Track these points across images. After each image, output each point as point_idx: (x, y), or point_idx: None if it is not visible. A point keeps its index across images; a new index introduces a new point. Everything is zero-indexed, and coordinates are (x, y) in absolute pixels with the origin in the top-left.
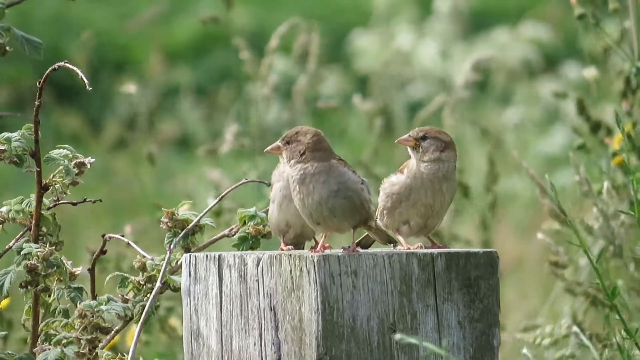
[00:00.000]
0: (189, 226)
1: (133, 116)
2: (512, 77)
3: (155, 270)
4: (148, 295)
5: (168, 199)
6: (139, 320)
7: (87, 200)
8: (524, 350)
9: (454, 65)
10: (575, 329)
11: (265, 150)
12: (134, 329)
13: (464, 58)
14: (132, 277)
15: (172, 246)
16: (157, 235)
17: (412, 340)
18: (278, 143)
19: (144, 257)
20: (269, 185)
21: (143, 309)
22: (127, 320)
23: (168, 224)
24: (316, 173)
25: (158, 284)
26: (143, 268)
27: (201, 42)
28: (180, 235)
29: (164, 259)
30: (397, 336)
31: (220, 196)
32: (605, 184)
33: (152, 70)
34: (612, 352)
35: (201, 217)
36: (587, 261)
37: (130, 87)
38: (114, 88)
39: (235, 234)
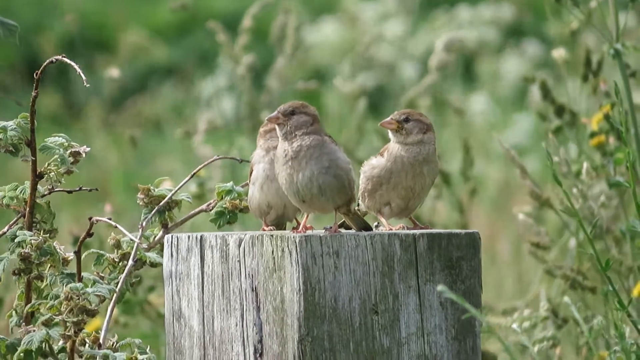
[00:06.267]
0: (162, 202)
1: (112, 97)
2: (472, 57)
3: (129, 248)
4: (123, 272)
5: (147, 180)
6: (113, 298)
7: (83, 188)
8: (514, 325)
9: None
10: (567, 300)
11: (267, 118)
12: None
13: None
14: (107, 255)
15: (144, 223)
16: (140, 216)
17: None
18: (277, 114)
19: (124, 236)
20: (241, 162)
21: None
22: (102, 299)
23: (144, 200)
24: (311, 147)
25: (130, 261)
26: (118, 245)
27: (182, 22)
28: (154, 211)
29: (138, 236)
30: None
31: (193, 172)
32: (585, 165)
33: (132, 50)
34: (596, 331)
35: (174, 193)
36: (574, 243)
37: (113, 71)
38: (93, 67)
39: (212, 209)
